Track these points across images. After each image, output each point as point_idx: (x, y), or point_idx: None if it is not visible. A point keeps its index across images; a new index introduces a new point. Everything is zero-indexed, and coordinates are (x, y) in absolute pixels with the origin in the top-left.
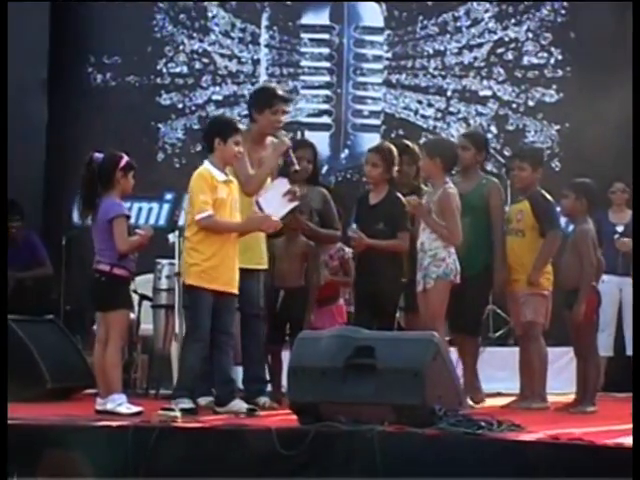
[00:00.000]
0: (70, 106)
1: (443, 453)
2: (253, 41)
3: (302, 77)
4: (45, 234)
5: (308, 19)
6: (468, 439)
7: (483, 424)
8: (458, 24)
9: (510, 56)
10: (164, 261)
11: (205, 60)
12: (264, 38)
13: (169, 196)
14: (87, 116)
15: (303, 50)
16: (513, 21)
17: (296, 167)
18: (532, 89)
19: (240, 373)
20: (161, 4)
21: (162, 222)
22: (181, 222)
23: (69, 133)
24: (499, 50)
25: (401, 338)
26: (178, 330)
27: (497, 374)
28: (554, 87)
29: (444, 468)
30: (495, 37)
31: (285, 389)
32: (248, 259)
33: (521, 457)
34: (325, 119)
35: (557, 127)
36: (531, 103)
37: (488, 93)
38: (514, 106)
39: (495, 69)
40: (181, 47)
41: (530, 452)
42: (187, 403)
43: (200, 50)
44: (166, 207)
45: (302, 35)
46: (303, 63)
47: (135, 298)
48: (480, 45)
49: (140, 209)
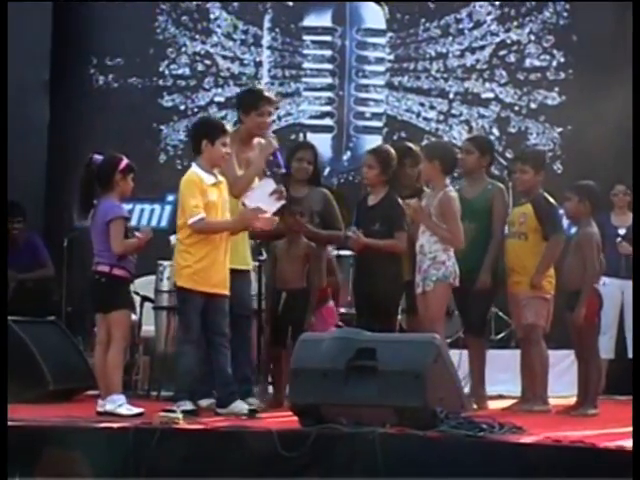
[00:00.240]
0: (72, 107)
1: (444, 455)
2: (255, 43)
3: (304, 79)
4: (46, 235)
5: (310, 21)
6: (469, 441)
7: (484, 426)
8: (460, 26)
9: (512, 58)
10: (166, 263)
11: (207, 62)
12: (266, 40)
13: (171, 198)
14: (89, 117)
15: (305, 52)
16: (515, 23)
17: (282, 170)
18: (534, 91)
19: None
20: (163, 5)
21: (164, 224)
22: None
23: (71, 134)
24: (501, 52)
25: (402, 340)
26: None
27: (499, 376)
28: (556, 89)
29: (445, 470)
30: (497, 39)
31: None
32: (231, 260)
33: (523, 459)
34: (327, 121)
35: (559, 129)
36: (533, 105)
37: (490, 95)
38: (516, 108)
39: (497, 71)
40: (183, 49)
41: (531, 455)
42: (188, 405)
43: (202, 52)
44: (168, 209)
45: (304, 37)
46: (305, 65)
47: (137, 300)
48: (482, 47)
49: (142, 211)
